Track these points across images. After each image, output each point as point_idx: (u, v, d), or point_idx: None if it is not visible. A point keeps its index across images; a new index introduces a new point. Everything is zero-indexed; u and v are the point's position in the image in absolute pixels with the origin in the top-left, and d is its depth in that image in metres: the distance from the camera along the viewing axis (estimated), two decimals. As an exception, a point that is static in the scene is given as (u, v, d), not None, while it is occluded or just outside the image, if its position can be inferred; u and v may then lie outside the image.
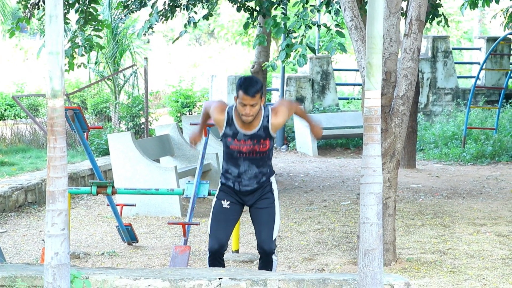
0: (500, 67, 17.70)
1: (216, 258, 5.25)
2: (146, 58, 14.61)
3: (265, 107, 5.20)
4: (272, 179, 5.33)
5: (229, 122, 5.18)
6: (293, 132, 16.22)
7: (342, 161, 14.58)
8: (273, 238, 5.24)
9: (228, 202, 5.29)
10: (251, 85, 5.03)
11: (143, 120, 14.88)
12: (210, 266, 5.26)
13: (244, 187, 5.25)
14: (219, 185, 5.37)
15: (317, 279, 4.81)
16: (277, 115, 5.18)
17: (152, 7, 10.58)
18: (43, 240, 7.60)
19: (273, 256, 5.28)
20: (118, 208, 7.43)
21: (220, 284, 4.77)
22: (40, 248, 7.37)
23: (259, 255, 5.34)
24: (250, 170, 5.21)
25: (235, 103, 5.15)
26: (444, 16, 12.30)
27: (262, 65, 13.30)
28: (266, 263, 5.28)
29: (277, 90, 16.80)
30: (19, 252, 7.44)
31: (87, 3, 10.23)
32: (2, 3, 17.80)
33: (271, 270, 5.28)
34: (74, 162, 11.45)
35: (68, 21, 10.66)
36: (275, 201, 5.29)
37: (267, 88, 15.11)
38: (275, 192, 5.32)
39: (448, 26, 12.55)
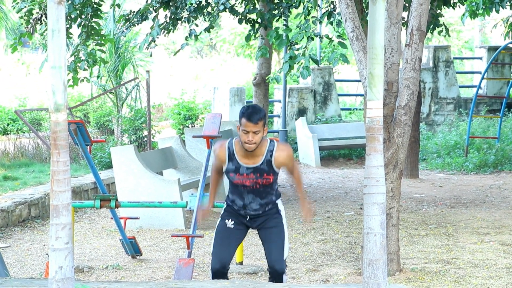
0: (502, 76, 17.72)
1: (218, 277, 5.26)
2: (148, 71, 14.64)
3: (271, 142, 5.21)
4: (279, 201, 5.35)
5: (231, 157, 5.21)
6: (296, 143, 16.24)
7: (345, 171, 14.58)
8: (284, 258, 5.23)
9: (233, 222, 5.33)
10: (254, 112, 5.06)
11: (145, 133, 14.90)
12: None
13: (250, 212, 5.31)
14: (224, 205, 5.41)
15: (321, 290, 4.80)
16: (282, 152, 5.18)
17: (153, 20, 10.61)
18: (47, 254, 7.60)
19: (284, 276, 5.25)
20: (122, 221, 7.44)
21: (224, 296, 4.76)
22: (44, 262, 7.37)
23: (268, 274, 5.31)
24: (255, 202, 5.26)
25: (238, 132, 5.17)
26: (445, 26, 12.33)
27: (266, 78, 13.33)
28: (277, 282, 5.24)
29: (279, 101, 16.83)
30: (23, 267, 7.44)
31: (90, 18, 10.26)
32: (5, 17, 17.87)
33: None
34: (77, 176, 11.47)
35: (70, 35, 10.69)
36: (283, 220, 5.31)
37: (269, 99, 15.13)
38: (282, 213, 5.33)
39: (449, 36, 12.58)
